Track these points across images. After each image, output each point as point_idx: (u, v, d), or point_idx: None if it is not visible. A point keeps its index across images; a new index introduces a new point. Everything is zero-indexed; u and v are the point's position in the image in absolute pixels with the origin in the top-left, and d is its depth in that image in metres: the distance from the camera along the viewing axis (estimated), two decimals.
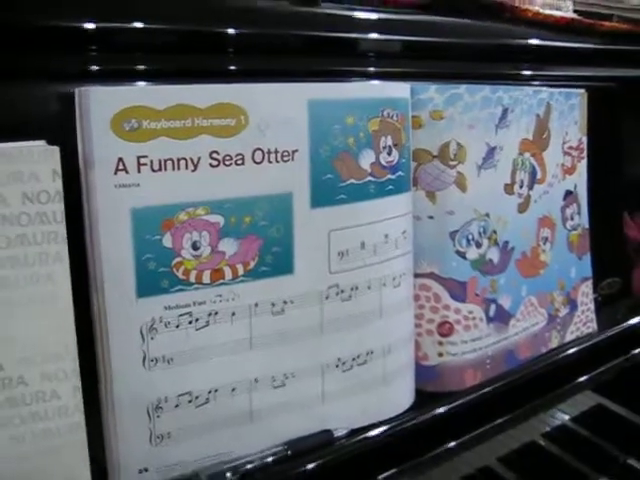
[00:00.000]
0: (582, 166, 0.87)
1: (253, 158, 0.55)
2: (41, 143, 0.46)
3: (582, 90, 0.86)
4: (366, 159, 0.61)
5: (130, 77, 0.56)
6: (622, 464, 1.06)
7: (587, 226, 0.89)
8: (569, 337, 0.87)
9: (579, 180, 0.87)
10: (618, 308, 0.99)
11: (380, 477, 0.66)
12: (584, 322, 0.89)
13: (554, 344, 0.85)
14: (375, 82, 0.70)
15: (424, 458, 0.70)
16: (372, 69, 0.72)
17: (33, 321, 0.46)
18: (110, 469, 0.56)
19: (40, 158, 0.44)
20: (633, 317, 0.95)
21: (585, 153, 0.87)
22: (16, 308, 0.45)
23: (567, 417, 0.98)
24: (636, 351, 0.95)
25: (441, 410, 0.71)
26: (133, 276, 0.52)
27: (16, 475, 0.47)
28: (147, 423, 0.55)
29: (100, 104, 0.48)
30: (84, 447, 0.51)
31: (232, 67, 0.63)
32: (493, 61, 0.84)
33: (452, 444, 0.72)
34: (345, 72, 0.70)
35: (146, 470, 0.57)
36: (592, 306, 0.90)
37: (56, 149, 0.45)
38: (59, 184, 0.45)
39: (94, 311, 0.52)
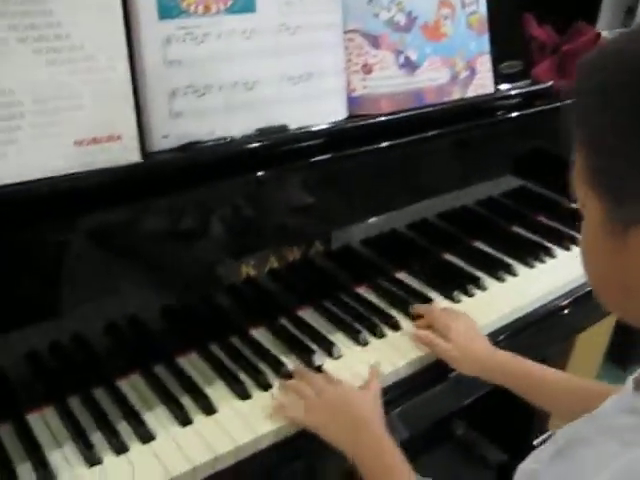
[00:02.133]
0: None
1: None
2: None
3: None
4: None
5: None
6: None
7: (484, 13, 1.21)
8: (470, 94, 1.21)
9: None
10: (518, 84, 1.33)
11: (318, 158, 1.01)
12: (482, 85, 1.23)
13: (456, 96, 1.19)
14: None
15: (352, 152, 1.05)
16: None
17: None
18: (146, 135, 0.91)
19: None
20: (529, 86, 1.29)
21: None
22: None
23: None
24: (527, 111, 1.29)
25: (367, 121, 1.06)
26: (156, 6, 0.87)
27: (98, 110, 0.84)
28: (167, 104, 0.91)
29: None
30: (132, 108, 0.87)
31: None
32: None
33: (373, 147, 1.08)
34: None
35: (167, 137, 0.93)
36: (490, 74, 1.24)
37: None
38: None
39: (133, 30, 0.87)
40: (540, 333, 1.21)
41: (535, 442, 1.77)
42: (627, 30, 0.56)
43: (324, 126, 1.02)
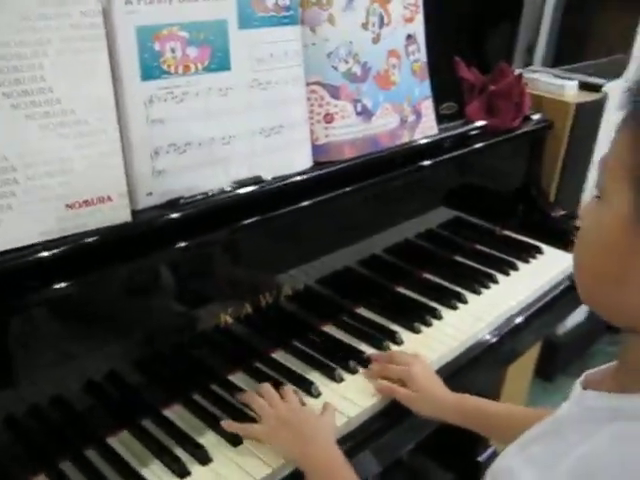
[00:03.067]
0: (419, 17, 1.27)
1: None
2: None
3: None
4: (270, 1, 0.99)
5: None
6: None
7: (425, 60, 1.29)
8: (417, 136, 1.29)
9: (417, 28, 1.27)
10: (456, 124, 1.42)
11: (289, 208, 1.06)
12: (428, 127, 1.31)
13: (406, 139, 1.26)
14: None
15: (321, 198, 1.10)
16: None
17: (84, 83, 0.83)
18: (131, 194, 0.93)
19: None
20: (460, 128, 1.38)
21: (421, 9, 1.27)
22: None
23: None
24: (468, 149, 1.39)
25: (331, 169, 1.11)
26: (138, 68, 0.89)
27: (89, 173, 0.85)
28: (150, 162, 0.93)
29: None
30: (122, 166, 0.88)
31: None
32: None
33: (340, 191, 1.13)
34: None
35: (151, 194, 0.95)
36: (433, 117, 1.32)
37: None
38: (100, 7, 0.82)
39: (117, 92, 0.89)
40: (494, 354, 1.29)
41: (480, 459, 1.85)
42: None
43: (296, 178, 1.06)
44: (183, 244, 0.95)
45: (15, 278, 0.80)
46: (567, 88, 1.70)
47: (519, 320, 1.34)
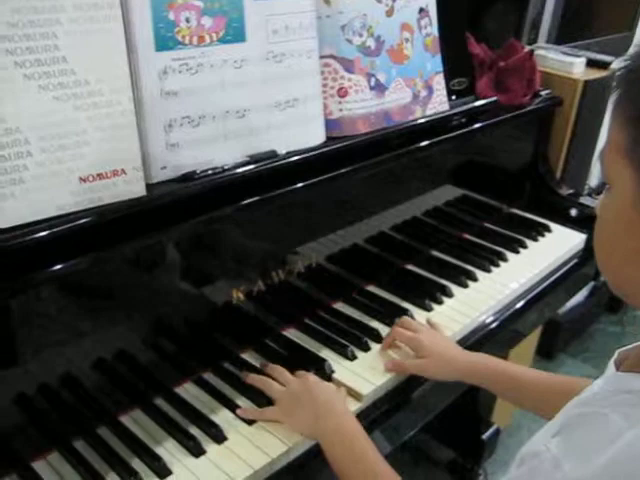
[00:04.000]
0: None
1: None
2: None
3: None
4: None
5: None
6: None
7: (437, 35, 1.27)
8: (429, 112, 1.27)
9: (429, 1, 1.25)
10: (466, 99, 1.40)
11: (302, 183, 1.04)
12: (439, 103, 1.29)
13: (418, 114, 1.24)
14: None
15: (334, 174, 1.09)
16: None
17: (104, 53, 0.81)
18: (145, 167, 0.91)
19: None
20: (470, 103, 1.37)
21: None
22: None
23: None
24: (479, 125, 1.37)
25: (345, 143, 1.09)
26: (153, 38, 0.87)
27: (103, 145, 0.83)
28: (164, 135, 0.91)
29: None
30: (136, 138, 0.86)
31: None
32: None
33: (350, 168, 1.11)
34: None
35: (165, 167, 0.93)
36: (444, 92, 1.30)
37: None
38: None
39: (131, 63, 0.87)
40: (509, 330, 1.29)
41: (483, 437, 1.85)
42: None
43: (310, 153, 1.04)
44: (197, 219, 0.93)
45: (28, 253, 0.78)
46: (575, 65, 1.68)
47: (530, 297, 1.33)
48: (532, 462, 0.62)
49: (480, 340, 1.23)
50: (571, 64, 1.68)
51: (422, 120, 1.24)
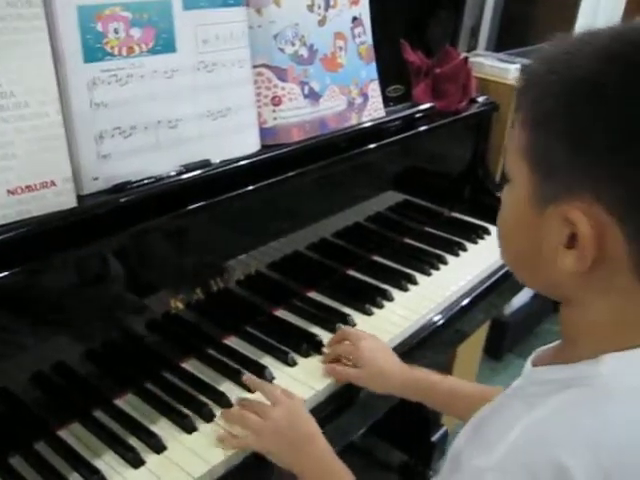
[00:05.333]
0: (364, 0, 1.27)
1: None
2: None
3: None
4: None
5: None
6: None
7: (371, 43, 1.29)
8: (365, 118, 1.29)
9: (363, 10, 1.27)
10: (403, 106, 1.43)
11: (237, 192, 1.05)
12: (375, 109, 1.31)
13: (354, 121, 1.26)
14: None
15: (269, 182, 1.10)
16: None
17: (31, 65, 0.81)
18: (77, 179, 0.91)
19: None
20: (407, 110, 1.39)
21: None
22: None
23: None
24: (415, 130, 1.40)
25: (280, 152, 1.11)
26: (81, 49, 0.87)
27: (31, 157, 0.82)
28: (95, 146, 0.91)
29: None
30: (65, 150, 0.86)
31: None
32: None
33: (285, 175, 1.12)
34: None
35: (97, 179, 0.93)
36: (380, 99, 1.32)
37: None
38: None
39: (59, 74, 0.86)
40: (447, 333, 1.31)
41: (433, 439, 1.88)
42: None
43: (243, 162, 1.05)
44: (131, 229, 0.93)
45: None
46: (510, 71, 1.72)
47: (469, 299, 1.36)
48: (455, 476, 0.63)
49: (421, 341, 1.25)
50: (506, 70, 1.72)
51: (358, 127, 1.25)
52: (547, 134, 0.59)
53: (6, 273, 0.82)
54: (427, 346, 1.25)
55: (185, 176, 0.99)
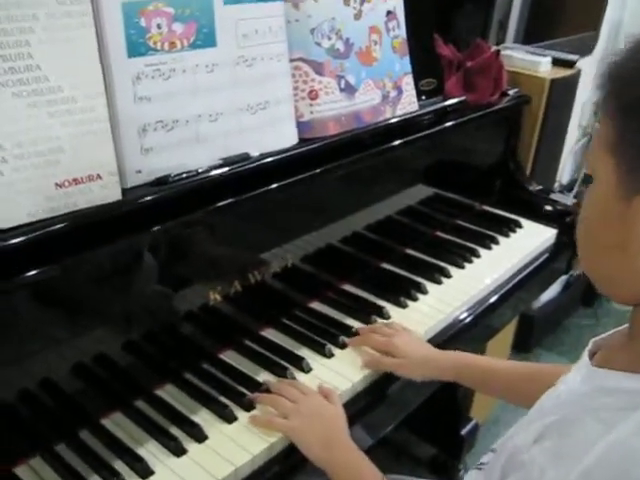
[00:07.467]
0: None
1: None
2: None
3: None
4: None
5: None
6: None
7: (405, 36, 1.30)
8: (399, 112, 1.30)
9: (397, 4, 1.27)
10: (436, 99, 1.43)
11: (276, 185, 1.06)
12: (409, 103, 1.32)
13: (388, 115, 1.27)
14: None
15: (306, 175, 1.11)
16: None
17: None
18: (120, 172, 0.92)
19: None
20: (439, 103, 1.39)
21: None
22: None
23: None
24: (449, 124, 1.40)
25: (317, 145, 1.11)
26: (124, 44, 0.88)
27: (78, 151, 0.84)
28: (138, 140, 0.93)
29: None
30: (111, 144, 0.88)
31: None
32: None
33: (322, 168, 1.13)
34: None
35: (140, 172, 0.94)
36: (414, 92, 1.33)
37: None
38: None
39: (104, 69, 0.88)
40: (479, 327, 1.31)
41: (462, 432, 1.88)
42: None
43: (280, 155, 1.06)
44: (173, 222, 0.94)
45: (3, 260, 0.78)
46: (542, 64, 1.72)
47: (503, 292, 1.36)
48: (519, 474, 0.63)
49: (455, 335, 1.25)
50: (537, 63, 1.72)
51: (392, 120, 1.26)
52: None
53: (54, 265, 0.83)
54: (459, 339, 1.26)
55: (225, 169, 1.00)
